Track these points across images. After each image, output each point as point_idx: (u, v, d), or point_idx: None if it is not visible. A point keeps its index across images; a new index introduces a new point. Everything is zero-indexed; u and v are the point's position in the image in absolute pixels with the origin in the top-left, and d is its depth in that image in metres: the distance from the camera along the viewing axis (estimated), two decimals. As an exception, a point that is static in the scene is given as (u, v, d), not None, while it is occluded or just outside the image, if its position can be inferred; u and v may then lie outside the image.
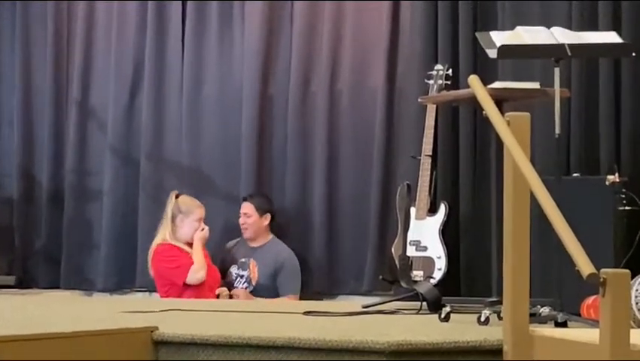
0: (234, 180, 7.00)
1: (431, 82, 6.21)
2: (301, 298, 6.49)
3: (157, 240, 6.55)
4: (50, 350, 3.48)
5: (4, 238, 7.55)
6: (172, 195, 6.62)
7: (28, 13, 7.65)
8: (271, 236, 6.77)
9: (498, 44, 4.57)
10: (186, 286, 6.42)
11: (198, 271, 6.43)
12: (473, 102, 4.06)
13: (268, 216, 6.73)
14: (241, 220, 6.74)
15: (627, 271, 2.85)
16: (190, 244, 6.52)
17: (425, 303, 4.79)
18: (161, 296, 6.51)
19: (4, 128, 7.70)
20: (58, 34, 7.55)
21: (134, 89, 7.33)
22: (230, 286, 6.64)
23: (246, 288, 6.62)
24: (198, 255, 6.46)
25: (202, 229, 6.54)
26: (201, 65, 7.17)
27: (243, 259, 6.69)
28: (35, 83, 7.62)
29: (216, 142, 7.11)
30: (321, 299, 6.56)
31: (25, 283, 7.47)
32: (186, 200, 6.62)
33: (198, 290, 6.43)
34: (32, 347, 3.45)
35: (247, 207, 6.72)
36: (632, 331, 2.85)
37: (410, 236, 6.02)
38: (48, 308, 5.44)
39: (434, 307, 4.69)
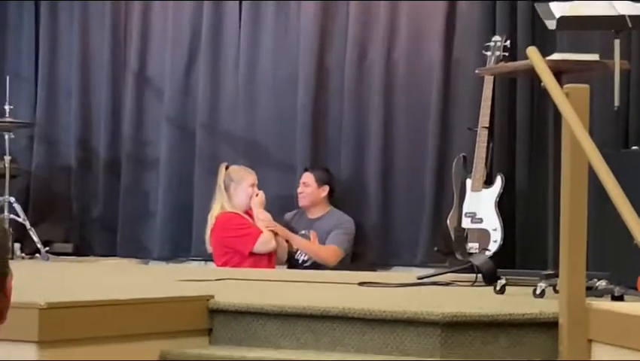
0: (290, 152, 7.02)
1: (489, 53, 6.16)
2: (356, 269, 6.49)
3: (216, 210, 6.52)
4: (106, 317, 3.52)
5: (62, 206, 7.64)
6: (222, 166, 6.63)
7: (87, -16, 7.71)
8: (330, 207, 6.77)
9: (557, 15, 4.51)
10: (249, 255, 6.43)
11: (269, 241, 6.44)
12: (532, 74, 4.02)
13: (326, 188, 6.73)
14: (299, 189, 6.75)
15: (686, 245, 2.82)
16: (248, 213, 6.54)
17: (480, 275, 4.77)
18: (217, 265, 6.53)
19: (62, 99, 7.76)
20: (116, 5, 7.60)
21: (191, 60, 7.35)
22: (291, 258, 6.65)
23: (308, 260, 6.63)
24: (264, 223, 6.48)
25: (257, 195, 6.55)
26: (258, 36, 7.17)
27: (303, 231, 6.69)
28: (92, 53, 7.67)
29: (272, 113, 7.11)
30: (376, 270, 6.56)
31: (82, 250, 7.55)
32: (235, 168, 6.64)
33: (257, 260, 6.43)
34: (90, 314, 3.49)
35: (307, 177, 6.74)
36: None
37: (466, 208, 6.00)
38: (105, 276, 5.49)
39: (489, 279, 4.67)
